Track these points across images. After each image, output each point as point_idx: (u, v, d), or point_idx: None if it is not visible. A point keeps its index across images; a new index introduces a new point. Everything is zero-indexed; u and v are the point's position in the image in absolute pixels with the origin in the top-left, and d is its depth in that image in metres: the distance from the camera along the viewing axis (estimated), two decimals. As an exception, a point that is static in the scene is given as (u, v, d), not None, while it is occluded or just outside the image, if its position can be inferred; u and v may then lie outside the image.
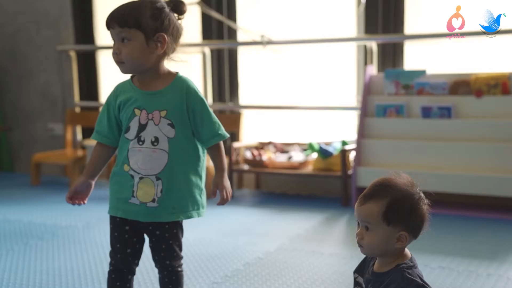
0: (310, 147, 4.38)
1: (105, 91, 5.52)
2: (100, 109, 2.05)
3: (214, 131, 1.89)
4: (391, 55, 4.37)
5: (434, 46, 4.38)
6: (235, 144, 4.56)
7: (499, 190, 3.68)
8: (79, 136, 5.52)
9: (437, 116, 3.96)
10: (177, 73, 1.91)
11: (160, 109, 1.85)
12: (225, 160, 1.93)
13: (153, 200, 1.87)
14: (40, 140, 5.73)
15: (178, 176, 1.87)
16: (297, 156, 4.48)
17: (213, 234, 3.44)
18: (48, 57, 5.55)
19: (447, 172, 3.81)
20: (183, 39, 1.92)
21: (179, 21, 1.90)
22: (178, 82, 1.88)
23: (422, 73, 4.08)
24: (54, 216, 3.91)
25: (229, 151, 4.48)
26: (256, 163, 4.49)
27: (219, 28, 4.91)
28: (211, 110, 1.91)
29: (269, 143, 4.74)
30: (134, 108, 1.87)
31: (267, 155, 4.52)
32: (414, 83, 4.08)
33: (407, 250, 1.73)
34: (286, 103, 4.86)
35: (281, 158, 4.50)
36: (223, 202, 1.93)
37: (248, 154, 4.57)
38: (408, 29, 4.35)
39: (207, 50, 4.99)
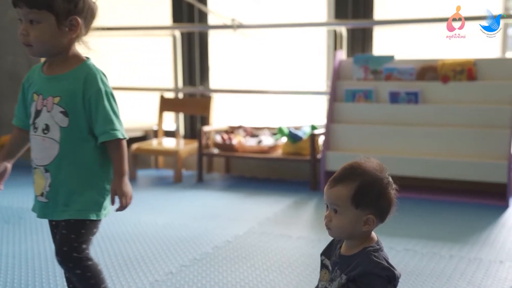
0: (280, 131, 4.40)
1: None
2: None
3: (105, 127, 1.73)
4: (360, 41, 4.41)
5: (402, 32, 4.43)
6: (205, 128, 4.56)
7: (464, 174, 3.76)
8: (46, 118, 5.42)
9: (404, 101, 4.02)
10: (86, 59, 1.79)
11: (53, 95, 1.73)
12: (126, 163, 1.77)
13: (42, 194, 1.78)
14: (8, 122, 5.58)
15: (69, 169, 1.75)
16: (267, 140, 4.50)
17: (182, 218, 3.45)
18: (15, 39, 5.41)
19: (413, 156, 3.88)
20: (97, 21, 1.79)
21: (93, 1, 1.77)
22: (81, 69, 1.75)
23: (390, 58, 4.13)
24: (21, 199, 3.86)
25: (199, 134, 4.48)
26: (226, 147, 4.49)
27: (189, 11, 4.87)
28: (112, 104, 1.76)
29: (239, 127, 4.75)
30: (33, 93, 1.77)
31: (237, 139, 4.53)
32: (383, 69, 4.12)
33: (373, 234, 1.77)
34: (256, 87, 4.86)
35: (251, 142, 4.51)
36: (121, 209, 1.79)
37: (218, 138, 4.57)
38: (378, 14, 4.38)
39: (177, 33, 4.94)
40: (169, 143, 4.82)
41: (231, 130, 4.75)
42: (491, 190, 3.94)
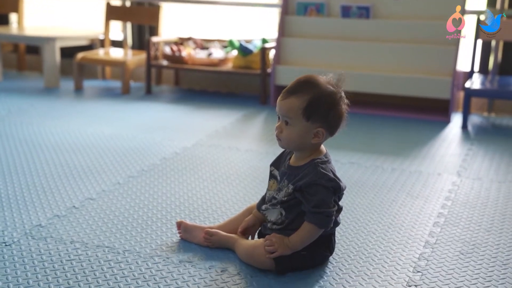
0: (230, 44, 4.33)
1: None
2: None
3: None
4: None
5: None
6: (154, 39, 4.43)
7: (409, 90, 3.83)
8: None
9: (355, 16, 4.00)
10: None
11: None
12: None
13: None
14: None
15: None
16: (217, 53, 4.43)
17: (130, 130, 3.41)
18: None
19: (361, 71, 3.91)
20: None
21: None
22: None
23: (344, -29, 4.06)
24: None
25: (147, 45, 4.36)
26: (175, 59, 4.40)
27: None
28: None
29: (189, 38, 4.64)
30: None
31: (187, 51, 4.44)
32: (336, -18, 4.06)
33: (322, 147, 1.80)
34: (206, -2, 4.72)
35: (201, 55, 4.43)
36: None
37: (167, 50, 4.46)
38: None
39: None
40: (116, 53, 4.68)
41: (181, 42, 4.64)
42: (435, 106, 4.05)
